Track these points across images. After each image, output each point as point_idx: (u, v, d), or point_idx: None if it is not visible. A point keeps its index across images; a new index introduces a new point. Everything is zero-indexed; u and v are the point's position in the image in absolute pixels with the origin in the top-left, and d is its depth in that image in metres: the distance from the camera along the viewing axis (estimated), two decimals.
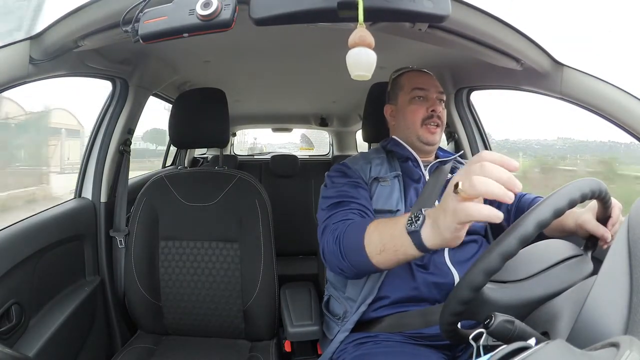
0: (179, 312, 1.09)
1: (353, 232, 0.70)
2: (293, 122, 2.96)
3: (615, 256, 0.40)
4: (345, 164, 0.93)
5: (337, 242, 0.72)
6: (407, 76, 0.97)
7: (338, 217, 0.79)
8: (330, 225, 0.77)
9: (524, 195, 0.91)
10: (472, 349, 0.46)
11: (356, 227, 0.71)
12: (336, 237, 0.73)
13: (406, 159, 0.93)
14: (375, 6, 0.47)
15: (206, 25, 0.49)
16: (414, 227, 0.53)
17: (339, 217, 0.78)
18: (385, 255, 0.61)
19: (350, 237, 0.70)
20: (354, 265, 0.70)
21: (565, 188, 0.49)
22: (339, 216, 0.79)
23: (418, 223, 0.53)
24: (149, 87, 1.31)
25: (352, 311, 0.84)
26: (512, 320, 0.43)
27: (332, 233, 0.75)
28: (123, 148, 1.22)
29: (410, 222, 0.54)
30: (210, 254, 1.09)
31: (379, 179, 0.88)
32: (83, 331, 1.04)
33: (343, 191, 0.85)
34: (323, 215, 0.83)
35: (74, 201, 1.14)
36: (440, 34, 0.71)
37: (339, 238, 0.72)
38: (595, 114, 0.81)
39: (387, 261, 0.62)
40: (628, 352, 0.28)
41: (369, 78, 0.46)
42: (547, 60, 0.83)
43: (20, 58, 0.71)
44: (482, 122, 1.37)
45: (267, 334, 1.09)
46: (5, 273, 0.78)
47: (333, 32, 0.67)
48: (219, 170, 1.15)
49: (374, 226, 0.66)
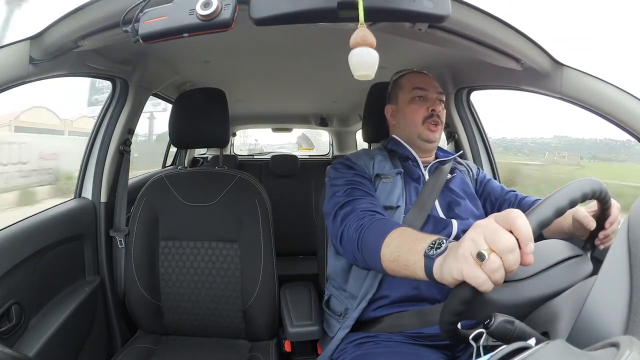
0: (179, 312, 1.09)
1: (377, 229, 0.69)
2: (293, 122, 2.96)
3: (615, 256, 0.40)
4: (349, 158, 0.93)
5: (359, 232, 0.71)
6: (407, 77, 0.98)
7: (362, 204, 0.78)
8: (358, 211, 0.76)
9: (524, 197, 0.92)
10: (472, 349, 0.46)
11: (382, 224, 0.70)
12: (360, 226, 0.72)
13: (406, 159, 0.94)
14: (375, 6, 0.47)
15: (206, 25, 0.49)
16: (432, 253, 0.53)
17: (363, 205, 0.77)
18: (396, 265, 0.61)
19: (372, 233, 0.69)
20: (366, 259, 0.70)
21: (567, 187, 0.49)
22: (362, 203, 0.78)
23: (438, 251, 0.52)
24: (149, 87, 1.31)
25: (353, 308, 0.85)
26: (512, 320, 0.43)
27: (357, 220, 0.74)
28: (123, 148, 1.22)
29: (432, 247, 0.54)
30: (210, 254, 1.09)
31: (381, 175, 0.89)
32: (83, 331, 1.04)
33: (354, 180, 0.85)
34: (338, 200, 0.81)
35: (74, 201, 1.14)
36: (440, 34, 0.71)
37: (362, 228, 0.71)
38: (595, 114, 0.81)
39: (396, 270, 0.62)
40: (628, 352, 0.28)
41: (371, 78, 0.46)
42: (547, 60, 0.83)
43: (20, 58, 0.71)
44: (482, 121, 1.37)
45: (267, 334, 1.09)
46: (5, 273, 0.78)
47: (333, 32, 0.67)
48: (219, 170, 1.15)
49: (399, 232, 0.65)
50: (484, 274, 0.42)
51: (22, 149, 2.78)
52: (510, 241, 0.42)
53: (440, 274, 0.49)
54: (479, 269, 0.42)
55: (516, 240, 0.42)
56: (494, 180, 1.02)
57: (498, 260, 0.42)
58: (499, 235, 0.42)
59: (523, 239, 0.42)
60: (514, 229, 0.42)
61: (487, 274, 0.42)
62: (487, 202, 0.96)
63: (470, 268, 0.43)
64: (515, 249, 0.42)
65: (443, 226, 0.83)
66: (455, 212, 0.87)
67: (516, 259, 0.42)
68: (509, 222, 0.43)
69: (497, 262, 0.42)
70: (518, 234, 0.42)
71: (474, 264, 0.43)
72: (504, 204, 0.92)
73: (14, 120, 3.26)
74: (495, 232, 0.43)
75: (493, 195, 0.96)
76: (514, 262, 0.42)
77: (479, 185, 1.00)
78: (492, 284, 0.43)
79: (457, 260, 0.45)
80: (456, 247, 0.47)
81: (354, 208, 0.77)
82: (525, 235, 0.42)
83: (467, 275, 0.43)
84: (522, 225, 0.42)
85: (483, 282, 0.42)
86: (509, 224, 0.43)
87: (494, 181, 1.01)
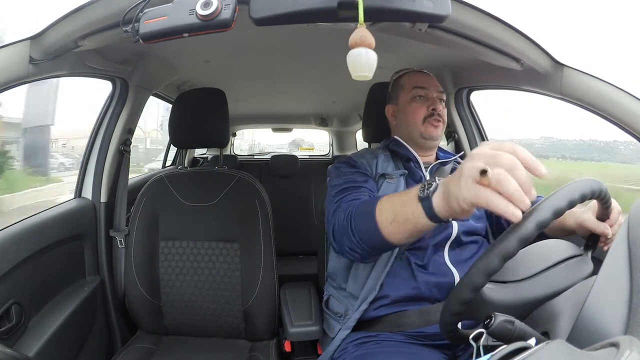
0: (179, 312, 1.09)
1: (365, 206, 0.70)
2: (293, 122, 2.95)
3: (615, 256, 0.40)
4: (351, 157, 0.93)
5: (348, 218, 0.71)
6: (407, 76, 0.98)
7: (349, 197, 0.78)
8: (342, 205, 0.77)
9: None
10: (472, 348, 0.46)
11: (368, 201, 0.71)
12: (348, 214, 0.72)
13: (408, 160, 0.93)
14: (375, 6, 0.47)
15: (206, 25, 0.49)
16: (426, 194, 0.52)
17: (350, 198, 0.78)
18: (396, 226, 0.59)
19: (361, 210, 0.69)
20: (364, 240, 0.68)
21: (565, 188, 0.49)
22: (350, 197, 0.78)
23: (430, 190, 0.51)
24: (149, 87, 1.31)
25: (353, 309, 0.85)
26: (512, 320, 0.43)
27: (343, 211, 0.74)
28: (123, 148, 1.23)
29: (423, 189, 0.53)
30: (210, 254, 1.09)
31: (386, 175, 0.89)
32: (83, 331, 1.04)
33: (351, 179, 0.85)
34: (332, 200, 0.82)
35: (74, 201, 1.14)
36: (440, 34, 0.71)
37: (350, 214, 0.71)
38: (595, 114, 0.81)
39: (398, 232, 0.60)
40: (628, 352, 0.28)
41: (369, 78, 0.46)
42: (547, 60, 0.83)
43: (20, 58, 0.71)
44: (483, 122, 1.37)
45: (267, 334, 1.09)
46: (6, 273, 0.78)
47: (333, 32, 0.67)
48: (219, 170, 1.15)
49: (387, 197, 0.65)
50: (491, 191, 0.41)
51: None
52: (512, 159, 0.41)
53: (446, 208, 0.48)
54: (485, 189, 0.41)
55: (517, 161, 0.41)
56: None
57: (503, 172, 0.40)
58: (500, 155, 0.41)
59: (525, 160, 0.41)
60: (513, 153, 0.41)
61: (496, 188, 0.40)
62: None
63: (477, 189, 0.42)
64: (518, 166, 0.40)
65: (443, 227, 0.83)
66: None
67: (524, 175, 0.40)
68: (505, 147, 0.42)
69: (502, 173, 0.40)
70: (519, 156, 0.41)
71: (479, 185, 0.42)
72: None
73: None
74: (495, 155, 0.42)
75: None
76: (524, 177, 0.40)
77: None
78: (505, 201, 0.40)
79: (461, 186, 0.44)
80: (451, 178, 0.46)
81: (341, 203, 0.78)
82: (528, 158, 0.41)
83: (476, 196, 0.42)
84: (521, 150, 0.41)
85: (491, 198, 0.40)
86: (505, 148, 0.42)
87: None
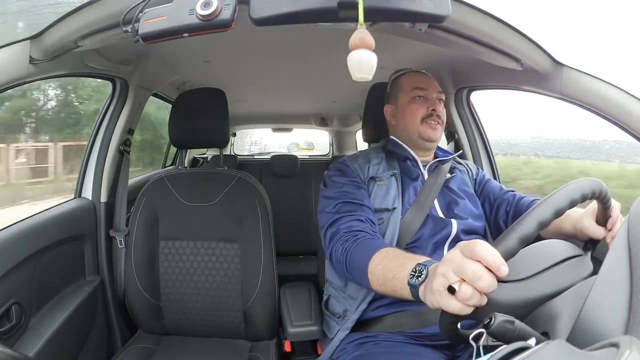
0: (179, 312, 1.09)
1: (360, 254, 0.72)
2: (293, 122, 2.95)
3: (615, 256, 0.40)
4: (344, 162, 0.93)
5: (345, 256, 0.74)
6: (406, 77, 0.98)
7: (346, 223, 0.80)
8: (339, 233, 0.79)
9: (522, 197, 0.91)
10: (472, 349, 0.46)
11: (364, 249, 0.72)
12: (345, 250, 0.75)
13: (405, 159, 0.94)
14: (375, 6, 0.47)
15: (206, 25, 0.49)
16: (415, 282, 0.55)
17: (346, 224, 0.79)
18: (385, 290, 0.64)
19: (356, 258, 0.72)
20: (357, 281, 0.74)
21: (566, 188, 0.49)
22: (346, 222, 0.80)
23: (419, 279, 0.55)
24: (149, 87, 1.31)
25: (352, 310, 0.85)
26: (512, 320, 0.42)
27: (342, 244, 0.77)
28: (123, 148, 1.23)
29: (413, 275, 0.56)
30: (210, 254, 1.09)
31: (376, 178, 0.89)
32: (83, 331, 1.04)
33: (345, 192, 0.85)
34: (327, 217, 0.83)
35: (74, 201, 1.14)
36: (440, 34, 0.71)
37: (347, 252, 0.74)
38: (595, 114, 0.81)
39: (386, 293, 0.65)
40: (628, 352, 0.28)
41: (369, 80, 0.46)
42: (547, 60, 0.83)
43: (20, 58, 0.71)
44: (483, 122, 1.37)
45: (267, 334, 1.09)
46: (5, 273, 0.78)
47: (333, 32, 0.67)
48: (219, 170, 1.15)
49: (380, 259, 0.67)
50: (458, 303, 0.44)
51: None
52: (477, 269, 0.43)
53: (429, 299, 0.51)
54: (453, 300, 0.44)
55: (484, 267, 0.43)
56: (494, 180, 1.02)
57: (469, 289, 0.43)
58: (465, 266, 0.44)
59: (491, 266, 0.43)
60: (479, 259, 0.43)
61: (462, 302, 0.44)
62: (486, 202, 0.96)
63: (445, 300, 0.45)
64: (483, 276, 0.43)
65: (442, 226, 0.83)
66: (455, 211, 0.87)
67: (488, 283, 0.43)
68: (473, 254, 0.44)
69: (468, 291, 0.43)
70: (485, 263, 0.43)
71: (447, 296, 0.45)
72: (503, 204, 0.92)
73: None
74: (461, 264, 0.44)
75: (492, 195, 0.96)
76: (487, 286, 0.43)
77: (478, 186, 1.00)
78: (472, 308, 0.45)
79: (433, 294, 0.48)
80: (431, 282, 0.49)
81: (338, 229, 0.80)
82: (491, 263, 0.43)
83: (445, 307, 0.46)
84: (486, 254, 0.43)
85: (460, 310, 0.44)
86: (473, 255, 0.44)
87: (493, 181, 1.01)
